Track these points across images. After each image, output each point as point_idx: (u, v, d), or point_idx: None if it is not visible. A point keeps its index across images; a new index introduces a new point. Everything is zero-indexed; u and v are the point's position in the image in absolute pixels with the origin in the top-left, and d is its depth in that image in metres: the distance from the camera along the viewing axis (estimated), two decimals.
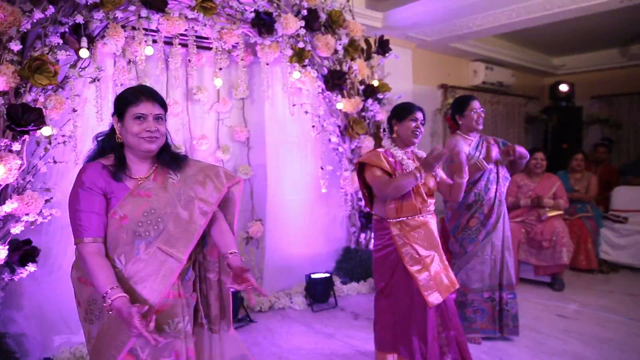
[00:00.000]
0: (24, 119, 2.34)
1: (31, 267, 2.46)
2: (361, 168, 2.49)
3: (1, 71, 2.30)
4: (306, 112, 3.79)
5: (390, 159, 2.39)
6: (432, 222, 2.45)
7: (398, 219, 2.35)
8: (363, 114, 4.03)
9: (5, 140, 2.35)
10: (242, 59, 3.38)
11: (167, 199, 1.61)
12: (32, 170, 2.56)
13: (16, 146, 2.36)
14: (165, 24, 2.94)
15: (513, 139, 7.13)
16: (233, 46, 3.39)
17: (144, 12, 2.81)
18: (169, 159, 1.68)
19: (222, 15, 3.28)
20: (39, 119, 2.39)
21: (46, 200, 2.61)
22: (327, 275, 3.86)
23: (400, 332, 2.40)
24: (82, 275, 1.59)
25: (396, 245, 2.34)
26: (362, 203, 4.14)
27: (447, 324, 2.40)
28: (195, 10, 3.03)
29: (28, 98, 2.45)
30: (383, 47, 4.03)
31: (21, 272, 2.43)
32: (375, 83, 4.03)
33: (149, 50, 2.88)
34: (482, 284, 3.04)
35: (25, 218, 2.43)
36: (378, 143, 4.15)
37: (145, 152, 1.61)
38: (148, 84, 3.14)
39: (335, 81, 3.77)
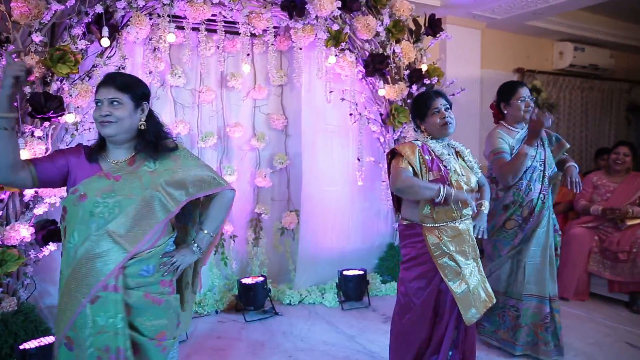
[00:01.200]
0: (46, 106, 2.47)
1: (51, 246, 2.60)
2: (392, 157, 2.14)
3: (27, 61, 2.44)
4: (342, 99, 3.57)
5: (427, 156, 2.04)
6: (472, 229, 2.14)
7: (435, 225, 2.03)
8: (409, 101, 3.71)
9: (30, 126, 2.50)
10: (271, 44, 3.26)
11: (135, 186, 1.59)
12: None
13: (38, 132, 2.49)
14: (189, 10, 2.91)
15: (610, 132, 6.19)
16: (264, 30, 3.28)
17: (166, 0, 2.81)
18: (144, 146, 1.64)
19: None
20: (59, 107, 2.49)
21: None
22: (361, 272, 3.65)
23: (418, 353, 2.12)
24: None
25: (432, 255, 2.02)
26: None
27: (459, 343, 2.10)
28: None
29: (54, 87, 2.58)
30: (433, 27, 3.64)
31: (43, 250, 2.59)
32: (424, 67, 3.67)
33: (170, 37, 2.88)
34: (509, 289, 2.72)
35: (47, 200, 2.58)
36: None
37: (106, 137, 1.60)
38: (180, 71, 3.17)
39: (376, 66, 3.49)
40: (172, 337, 1.70)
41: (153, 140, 1.65)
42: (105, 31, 2.64)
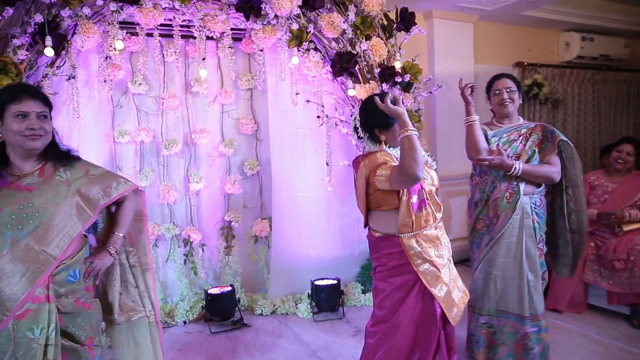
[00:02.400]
0: None
1: None
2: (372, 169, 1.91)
3: None
4: (308, 101, 3.43)
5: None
6: (444, 229, 2.00)
7: (414, 233, 1.87)
8: None
9: None
10: (229, 47, 3.16)
11: (52, 195, 1.62)
12: None
13: None
14: (139, 15, 2.85)
15: (628, 128, 5.73)
16: (223, 33, 3.18)
17: (113, 6, 2.76)
18: (58, 156, 1.70)
19: (209, 0, 3.08)
20: None
21: None
22: (334, 282, 3.48)
23: None
24: None
25: (413, 264, 1.87)
26: None
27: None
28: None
29: None
30: (406, 21, 3.44)
31: None
32: (398, 65, 3.47)
33: (119, 45, 2.83)
34: (477, 304, 2.50)
35: None
36: None
37: (30, 150, 1.60)
38: (141, 79, 3.13)
39: (343, 65, 3.33)
40: (98, 343, 1.76)
41: (65, 151, 1.73)
42: (49, 41, 2.61)
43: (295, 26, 3.18)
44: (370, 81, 3.44)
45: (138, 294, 1.93)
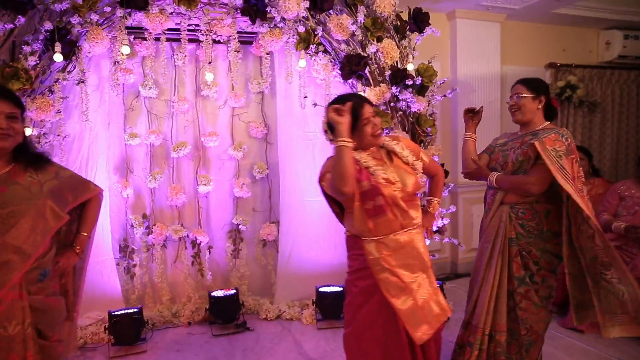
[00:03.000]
0: None
1: None
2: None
3: None
4: (315, 105, 3.37)
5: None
6: (419, 238, 1.91)
7: (374, 238, 1.83)
8: (392, 104, 3.41)
9: None
10: (235, 51, 3.17)
11: (24, 196, 1.67)
12: None
13: None
14: (145, 21, 2.91)
15: None
16: (231, 37, 3.19)
17: (119, 12, 2.83)
18: (29, 158, 1.75)
19: (216, 5, 3.10)
20: None
21: None
22: (339, 289, 3.40)
23: None
24: None
25: (373, 270, 1.82)
26: None
27: None
28: (177, 4, 2.92)
29: None
30: (419, 22, 3.31)
31: None
32: (410, 67, 3.35)
33: (125, 50, 2.89)
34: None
35: None
36: (415, 139, 3.48)
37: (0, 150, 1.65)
38: (151, 82, 3.20)
39: (352, 67, 3.24)
40: (61, 338, 1.80)
41: (35, 153, 1.79)
42: (58, 47, 2.70)
43: (301, 28, 3.13)
44: (381, 84, 3.34)
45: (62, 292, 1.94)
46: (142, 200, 3.46)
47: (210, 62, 3.17)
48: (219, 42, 3.23)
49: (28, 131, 2.74)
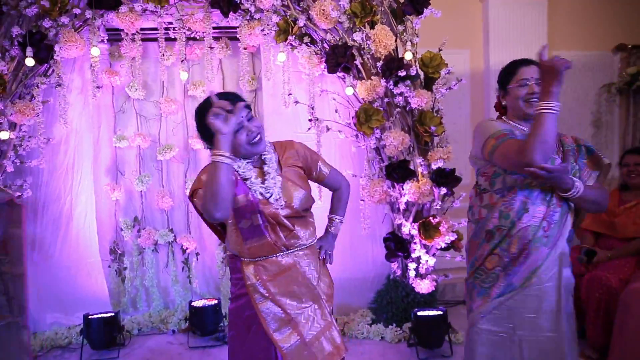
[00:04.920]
0: None
1: None
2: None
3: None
4: (296, 102, 3.05)
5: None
6: (306, 261, 1.58)
7: (252, 259, 1.54)
8: (387, 99, 2.97)
9: None
10: (209, 47, 2.99)
11: None
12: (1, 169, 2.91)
13: None
14: (116, 21, 2.85)
15: None
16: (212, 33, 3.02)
17: (89, 13, 2.80)
18: None
19: (189, 0, 2.95)
20: None
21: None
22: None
23: None
24: None
25: (252, 298, 1.53)
26: (410, 219, 3.07)
27: None
28: (146, 2, 2.82)
29: None
30: (415, 3, 2.83)
31: None
32: (408, 55, 2.89)
33: (94, 51, 2.85)
34: None
35: None
36: (419, 140, 3.01)
37: None
38: (137, 84, 3.17)
39: (338, 59, 2.89)
40: None
41: None
42: (29, 51, 2.74)
43: (276, 19, 2.85)
44: (373, 77, 2.93)
45: (7, 300, 1.87)
46: (134, 203, 3.44)
47: (182, 60, 3.02)
48: (192, 39, 3.07)
49: (5, 135, 2.83)
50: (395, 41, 2.92)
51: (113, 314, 3.02)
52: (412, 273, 3.10)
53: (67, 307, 3.24)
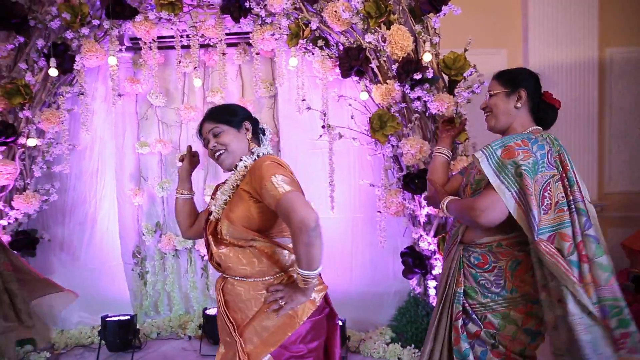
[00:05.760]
0: (6, 133, 2.85)
1: None
2: None
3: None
4: (308, 109, 2.92)
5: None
6: (239, 290, 1.46)
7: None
8: (402, 105, 2.77)
9: None
10: (222, 54, 2.95)
11: None
12: (30, 174, 3.06)
13: None
14: (131, 30, 2.90)
15: None
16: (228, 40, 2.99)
17: (106, 24, 2.87)
18: None
19: (204, 6, 2.93)
20: (12, 133, 2.84)
21: (44, 201, 3.08)
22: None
23: None
24: None
25: None
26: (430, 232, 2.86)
27: None
28: (159, 10, 2.83)
29: (21, 115, 2.94)
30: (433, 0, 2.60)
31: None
32: (427, 57, 2.67)
33: (112, 60, 2.91)
34: None
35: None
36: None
37: None
38: (157, 91, 3.22)
39: (352, 63, 2.74)
40: None
41: None
42: (53, 62, 2.85)
43: (286, 22, 2.75)
44: (389, 80, 2.74)
45: None
46: (156, 209, 3.49)
47: (195, 68, 3.01)
48: (206, 45, 3.05)
49: (33, 142, 2.97)
50: (415, 42, 2.72)
51: (129, 317, 3.08)
52: (432, 291, 2.87)
53: (92, 307, 3.34)
